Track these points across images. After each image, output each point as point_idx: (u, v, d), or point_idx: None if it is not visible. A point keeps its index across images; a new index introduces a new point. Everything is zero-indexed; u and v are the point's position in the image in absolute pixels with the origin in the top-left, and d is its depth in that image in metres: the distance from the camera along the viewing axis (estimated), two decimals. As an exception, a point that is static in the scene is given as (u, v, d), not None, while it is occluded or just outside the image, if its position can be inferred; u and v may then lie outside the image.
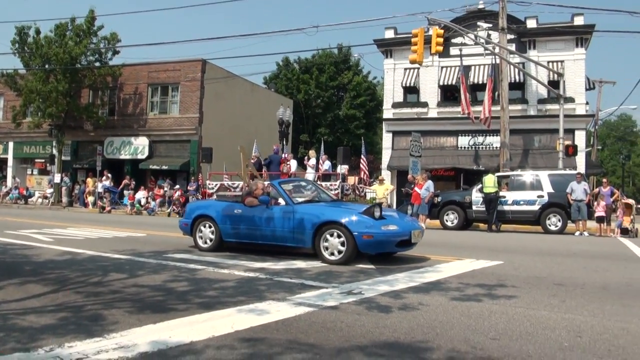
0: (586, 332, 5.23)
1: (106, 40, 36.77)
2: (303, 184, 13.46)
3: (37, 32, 35.78)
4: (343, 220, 9.70)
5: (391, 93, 36.09)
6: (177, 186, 31.38)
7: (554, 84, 30.10)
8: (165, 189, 31.43)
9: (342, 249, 9.59)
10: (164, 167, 36.32)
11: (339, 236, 9.66)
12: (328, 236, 9.78)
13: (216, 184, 26.13)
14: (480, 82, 32.28)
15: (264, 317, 5.42)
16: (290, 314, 5.59)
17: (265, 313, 5.61)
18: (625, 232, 20.35)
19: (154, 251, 11.27)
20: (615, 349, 4.67)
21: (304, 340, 4.62)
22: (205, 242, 11.57)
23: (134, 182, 33.81)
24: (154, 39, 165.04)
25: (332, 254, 9.69)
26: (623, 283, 8.27)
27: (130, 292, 6.86)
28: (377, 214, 9.79)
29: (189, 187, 30.95)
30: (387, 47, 35.96)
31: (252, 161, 26.57)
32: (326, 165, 25.61)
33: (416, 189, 22.25)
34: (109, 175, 33.53)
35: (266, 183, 12.05)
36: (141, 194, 32.49)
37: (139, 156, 37.55)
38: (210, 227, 11.54)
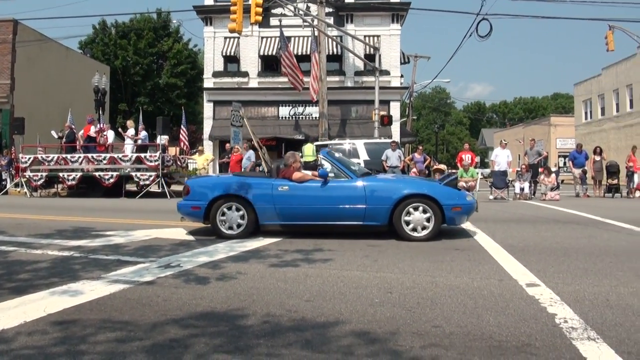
0: (397, 288, 5.60)
1: None
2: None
3: None
4: (431, 193, 9.14)
5: (211, 62, 35.73)
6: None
7: (370, 58, 31.32)
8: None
9: (428, 224, 9.04)
10: (-27, 140, 33.51)
11: (424, 210, 9.05)
12: (412, 210, 9.08)
13: (30, 158, 24.55)
14: (300, 54, 32.79)
15: (77, 298, 5.26)
16: (105, 293, 5.46)
17: (80, 293, 5.44)
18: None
19: (-42, 232, 10.48)
20: (424, 301, 5.07)
21: (118, 319, 4.56)
22: (231, 228, 9.56)
23: None
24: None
25: (415, 229, 9.07)
26: (434, 242, 8.85)
27: None
28: (457, 185, 9.29)
29: (1, 162, 28.77)
30: (207, 15, 35.44)
31: (66, 131, 25.34)
32: (142, 135, 24.91)
33: (233, 158, 22.56)
34: None
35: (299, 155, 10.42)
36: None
37: (-57, 128, 34.34)
38: (238, 209, 9.53)
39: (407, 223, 9.05)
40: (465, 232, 9.82)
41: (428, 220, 9.03)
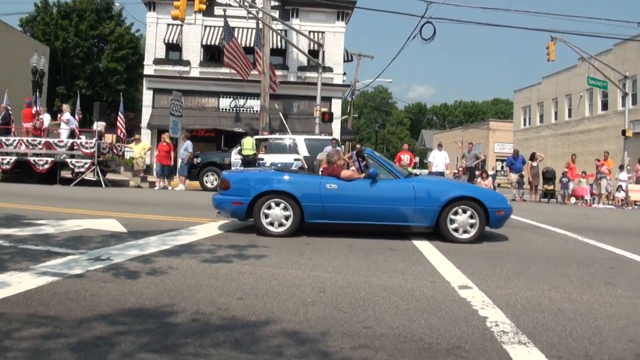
0: (330, 287, 5.60)
1: None
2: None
3: None
4: (478, 196, 9.19)
5: (153, 48, 35.04)
6: None
7: (313, 53, 31.38)
8: None
9: (472, 227, 9.08)
10: None
11: (470, 213, 9.09)
12: (460, 211, 9.10)
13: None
14: (243, 46, 32.48)
15: (4, 290, 5.06)
16: (33, 286, 5.27)
17: (6, 285, 5.24)
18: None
19: None
20: (356, 301, 5.07)
21: (44, 313, 4.41)
22: (274, 225, 9.15)
23: None
24: None
25: (460, 231, 9.08)
26: (368, 241, 8.92)
27: None
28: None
29: None
30: (151, 0, 34.80)
31: (1, 113, 24.46)
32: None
33: (161, 149, 22.79)
34: None
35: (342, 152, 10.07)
36: None
37: None
38: (284, 206, 9.16)
39: (453, 224, 9.10)
40: (400, 233, 9.89)
41: (472, 223, 9.11)
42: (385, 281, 5.98)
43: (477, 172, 22.73)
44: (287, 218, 9.14)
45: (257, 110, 31.69)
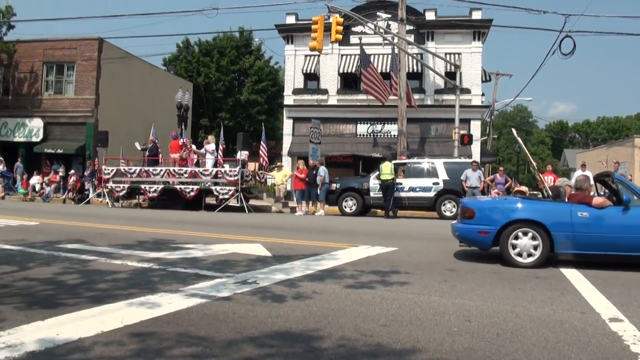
0: (476, 316, 5.41)
1: (1, 14, 34.97)
2: None
3: None
4: None
5: (292, 79, 36.05)
6: (72, 171, 30.32)
7: (451, 75, 30.99)
8: (61, 173, 30.26)
9: None
10: (59, 151, 34.91)
11: None
12: None
13: (112, 169, 25.41)
14: (380, 72, 32.61)
15: (155, 310, 5.31)
16: (182, 306, 5.49)
17: (157, 306, 5.49)
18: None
19: (46, 241, 10.78)
20: (503, 333, 4.85)
21: (194, 333, 4.57)
22: (522, 256, 8.76)
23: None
24: (50, 14, 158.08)
25: None
26: (514, 268, 8.57)
27: (20, 286, 6.56)
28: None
29: (85, 173, 29.92)
30: (288, 33, 35.88)
31: (149, 145, 26.09)
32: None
33: (297, 174, 23.18)
34: (1, 158, 31.94)
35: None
36: (35, 179, 31.15)
37: (34, 139, 35.98)
38: (532, 235, 8.71)
39: None
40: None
41: None
42: (533, 311, 5.70)
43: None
44: (535, 248, 8.69)
45: (394, 135, 31.62)
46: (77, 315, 5.14)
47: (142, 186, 24.24)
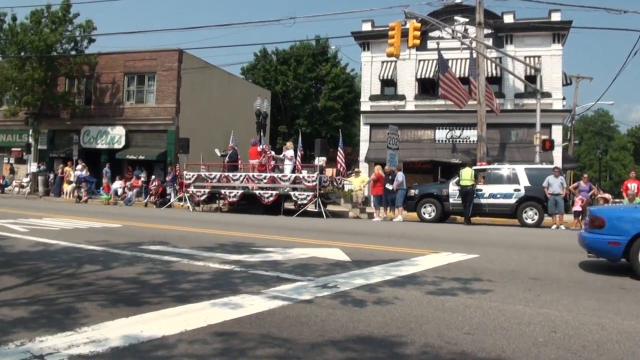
0: (561, 327, 5.21)
1: (82, 28, 36.42)
2: None
3: (13, 18, 35.40)
4: None
5: (369, 86, 36.03)
6: (154, 176, 31.21)
7: (530, 79, 30.31)
8: (143, 178, 31.22)
9: None
10: (141, 157, 36.05)
11: None
12: None
13: (193, 175, 26.02)
14: (458, 76, 32.21)
15: (237, 311, 5.36)
16: (264, 308, 5.53)
17: (239, 307, 5.55)
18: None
19: (129, 242, 11.12)
20: (589, 345, 4.66)
21: (277, 335, 4.58)
22: None
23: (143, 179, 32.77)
24: (130, 27, 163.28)
25: None
26: (599, 277, 8.29)
27: (104, 284, 6.76)
28: None
29: (166, 178, 30.77)
30: (365, 40, 35.91)
31: (229, 152, 26.56)
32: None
33: (373, 178, 23.30)
34: (84, 164, 33.17)
35: None
36: (118, 184, 32.21)
37: (116, 146, 37.29)
38: None
39: None
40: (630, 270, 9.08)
41: None
42: (619, 324, 5.43)
43: None
44: None
45: (473, 141, 31.15)
46: (161, 313, 5.25)
47: (222, 191, 24.75)
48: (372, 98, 35.72)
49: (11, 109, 36.48)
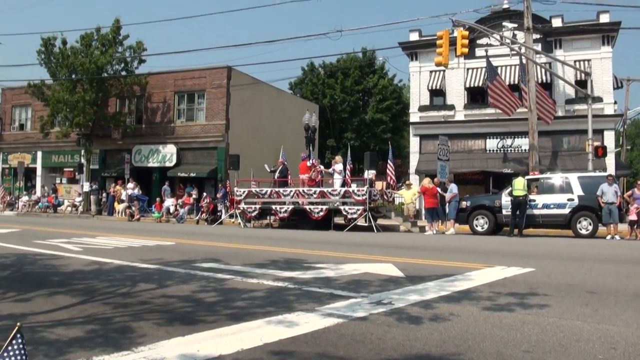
0: (620, 343, 5.07)
1: (132, 49, 37.28)
2: None
3: (64, 42, 36.42)
4: None
5: (417, 96, 35.88)
6: (205, 194, 31.59)
7: (581, 84, 29.77)
8: (194, 195, 31.65)
9: None
10: (192, 175, 36.58)
11: None
12: None
13: (244, 191, 26.27)
14: (507, 83, 31.83)
15: (293, 329, 5.36)
16: (319, 326, 5.51)
17: (294, 325, 5.55)
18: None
19: (183, 260, 11.25)
20: (650, 362, 4.51)
21: (333, 354, 4.56)
22: None
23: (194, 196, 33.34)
24: (179, 47, 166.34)
25: None
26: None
27: (159, 303, 6.86)
28: None
29: (217, 195, 31.14)
30: (412, 50, 35.82)
31: (279, 167, 26.75)
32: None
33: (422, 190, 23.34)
34: (136, 182, 33.80)
35: None
36: (170, 202, 32.70)
37: (167, 164, 37.95)
38: None
39: None
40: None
41: None
42: (681, 339, 5.26)
43: None
44: None
45: (525, 149, 30.68)
46: (216, 332, 5.27)
47: (273, 207, 24.90)
48: (421, 109, 35.55)
49: (63, 130, 37.52)
